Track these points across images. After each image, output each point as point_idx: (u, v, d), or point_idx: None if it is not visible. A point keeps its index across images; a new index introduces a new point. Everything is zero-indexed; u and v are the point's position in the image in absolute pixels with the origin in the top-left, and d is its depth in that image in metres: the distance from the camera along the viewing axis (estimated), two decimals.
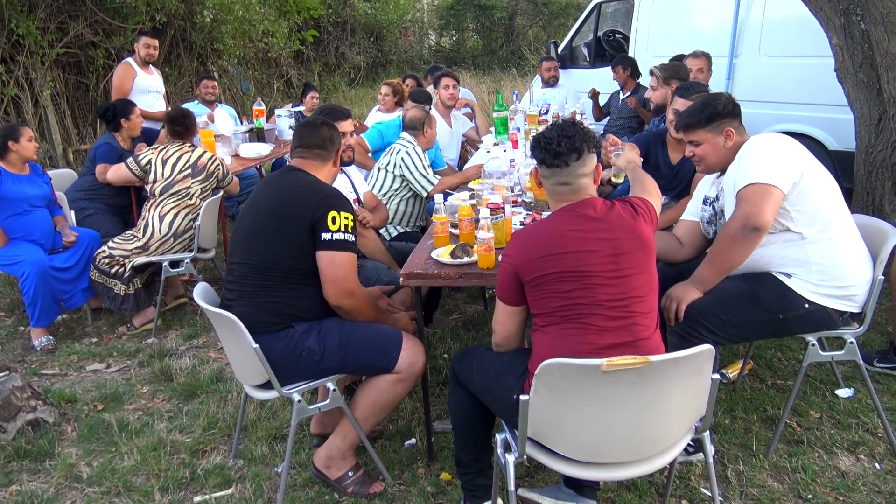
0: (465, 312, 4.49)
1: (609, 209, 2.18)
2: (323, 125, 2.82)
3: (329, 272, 2.54)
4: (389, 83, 6.13)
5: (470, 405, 2.38)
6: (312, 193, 2.58)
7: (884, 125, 4.24)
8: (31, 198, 4.22)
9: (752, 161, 2.60)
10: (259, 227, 2.61)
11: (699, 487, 2.67)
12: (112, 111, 4.88)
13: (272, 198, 2.66)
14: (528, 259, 2.14)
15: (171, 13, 9.38)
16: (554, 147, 2.18)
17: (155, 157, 4.38)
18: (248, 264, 2.60)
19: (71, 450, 3.13)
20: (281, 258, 2.54)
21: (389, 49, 17.16)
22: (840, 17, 4.17)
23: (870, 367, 3.29)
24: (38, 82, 7.87)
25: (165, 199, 4.31)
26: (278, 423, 3.24)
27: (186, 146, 4.46)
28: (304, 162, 2.74)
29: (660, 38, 7.02)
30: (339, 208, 2.55)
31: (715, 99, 2.78)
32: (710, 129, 2.72)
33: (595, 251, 2.09)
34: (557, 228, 2.16)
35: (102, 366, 4.00)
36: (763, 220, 2.49)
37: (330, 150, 2.79)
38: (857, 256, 2.67)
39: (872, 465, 2.77)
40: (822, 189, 2.62)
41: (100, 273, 4.26)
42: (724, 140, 2.71)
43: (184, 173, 4.35)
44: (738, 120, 2.74)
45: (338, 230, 2.52)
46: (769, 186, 2.51)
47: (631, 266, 2.11)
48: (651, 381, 1.90)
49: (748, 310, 2.61)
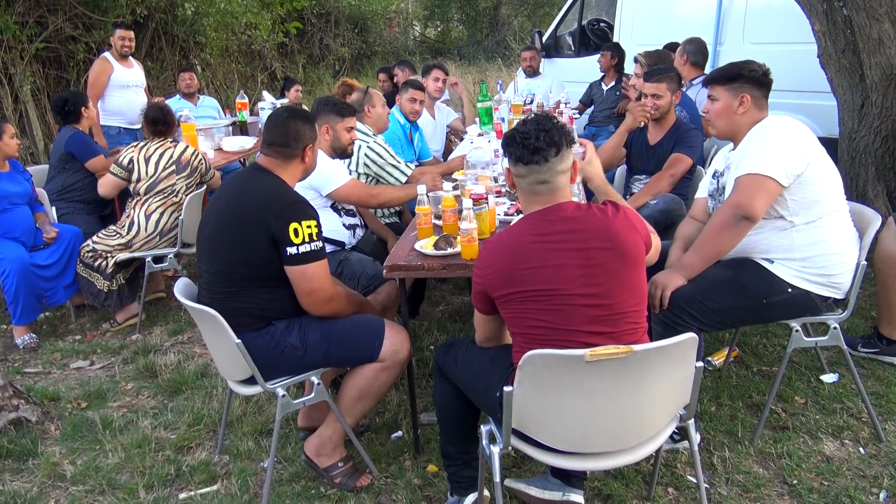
0: (452, 303, 4.49)
1: (583, 212, 2.05)
2: (289, 119, 2.64)
3: (303, 286, 2.48)
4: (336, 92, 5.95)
5: (455, 398, 2.37)
6: (270, 202, 2.46)
7: (867, 111, 4.25)
8: (11, 195, 4.16)
9: (758, 147, 2.57)
10: (218, 234, 2.53)
11: (685, 475, 2.67)
12: (70, 103, 4.70)
13: (230, 203, 2.55)
14: (493, 274, 2.05)
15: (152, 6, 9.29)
16: (532, 142, 2.02)
17: (137, 155, 4.31)
18: (212, 272, 2.54)
19: (54, 448, 3.11)
20: (244, 265, 2.47)
21: (374, 40, 17.05)
22: (822, 3, 4.18)
23: (854, 353, 3.31)
24: (17, 77, 7.78)
25: (151, 197, 4.26)
26: (264, 418, 3.22)
27: (168, 142, 4.40)
28: (268, 160, 2.62)
29: (644, 27, 7.02)
30: (299, 218, 2.44)
31: (746, 63, 2.73)
32: (727, 88, 2.69)
33: (565, 265, 1.97)
34: (524, 240, 2.03)
35: (86, 363, 3.96)
36: (753, 211, 2.50)
37: (295, 147, 2.62)
38: (845, 245, 2.66)
39: (857, 450, 2.78)
40: (824, 180, 2.60)
41: (84, 266, 4.24)
42: (738, 105, 2.67)
43: (168, 170, 4.30)
44: (760, 91, 2.68)
45: (302, 242, 2.43)
46: (766, 178, 2.50)
47: (605, 279, 1.98)
48: (635, 370, 1.90)
49: (732, 296, 2.61)
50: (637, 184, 3.97)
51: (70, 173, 4.66)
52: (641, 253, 2.06)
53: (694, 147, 3.78)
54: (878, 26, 3.98)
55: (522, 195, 2.14)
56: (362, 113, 3.97)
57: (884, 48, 4.01)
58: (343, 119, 3.38)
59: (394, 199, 3.58)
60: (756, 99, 2.67)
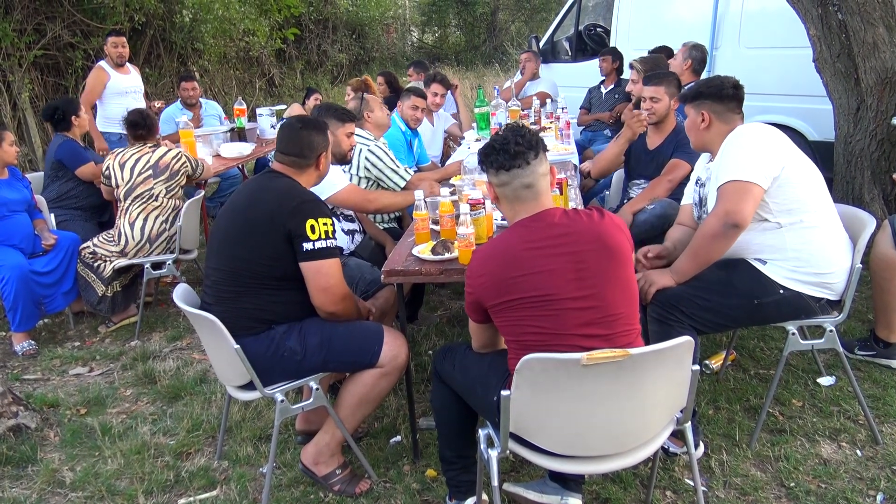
0: (450, 308, 4.49)
1: (571, 217, 2.06)
2: (301, 130, 2.69)
3: (319, 281, 2.50)
4: (351, 84, 6.01)
5: (453, 402, 2.37)
6: (287, 199, 2.52)
7: (862, 114, 4.27)
8: (10, 202, 4.16)
9: (734, 155, 2.63)
10: (233, 231, 2.58)
11: (683, 478, 2.68)
12: (60, 110, 4.71)
13: (247, 202, 2.61)
14: (484, 284, 2.06)
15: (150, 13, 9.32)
16: (511, 147, 2.05)
17: (112, 162, 4.32)
18: (222, 270, 2.57)
19: (54, 455, 3.11)
20: (254, 264, 2.51)
21: (372, 46, 17.11)
22: (817, 8, 4.20)
23: (850, 355, 3.32)
24: (15, 85, 7.79)
25: (130, 203, 4.26)
26: (263, 423, 3.22)
27: (146, 147, 4.38)
28: (283, 168, 2.68)
29: (640, 32, 7.04)
30: (316, 215, 2.49)
31: (711, 79, 2.88)
32: (692, 105, 2.83)
33: (556, 270, 1.98)
34: (514, 248, 2.04)
35: (85, 369, 3.96)
36: (742, 217, 2.54)
37: (309, 156, 2.68)
38: (836, 245, 2.70)
39: (854, 452, 2.79)
40: (802, 180, 2.65)
41: (83, 266, 4.26)
42: (700, 121, 2.79)
43: (143, 175, 4.28)
44: (724, 105, 2.76)
45: (318, 238, 2.47)
46: (748, 184, 2.55)
47: (597, 281, 1.99)
48: (631, 373, 1.91)
49: (723, 295, 2.66)
50: (635, 188, 3.98)
51: (63, 181, 4.68)
52: (628, 252, 2.09)
53: (692, 153, 3.78)
54: (873, 30, 4.01)
55: (507, 204, 2.15)
56: (362, 119, 3.98)
57: (878, 52, 4.04)
58: (344, 125, 3.40)
59: (391, 204, 3.61)
60: (719, 114, 2.76)
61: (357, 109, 4.01)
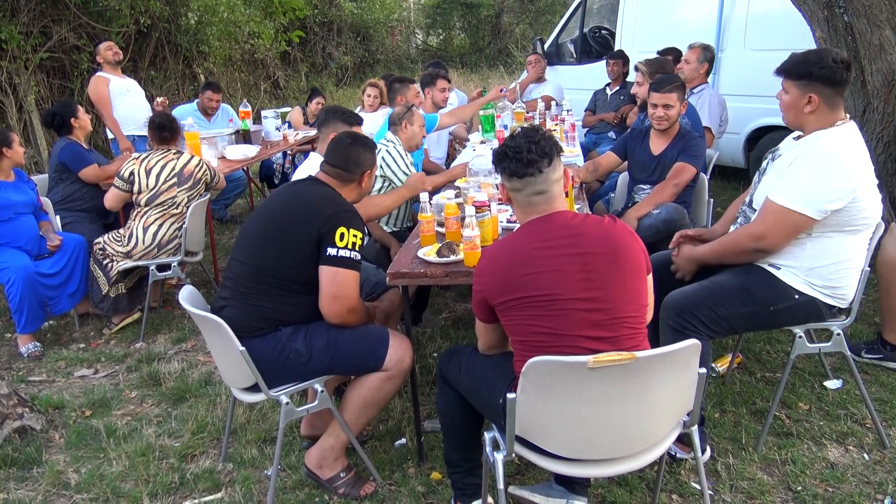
0: (455, 311, 4.49)
1: (581, 220, 2.07)
2: (351, 146, 2.73)
3: (330, 289, 2.49)
4: (376, 84, 6.06)
5: (458, 405, 2.37)
6: (325, 205, 2.53)
7: (868, 117, 4.26)
8: (16, 204, 4.17)
9: (799, 174, 2.50)
10: (266, 230, 2.59)
11: (689, 482, 2.67)
12: (59, 115, 4.71)
13: (287, 203, 2.62)
14: (492, 281, 2.07)
15: (156, 16, 9.34)
16: (525, 155, 2.04)
17: (138, 168, 4.31)
18: (247, 264, 2.58)
19: (59, 457, 3.11)
20: (281, 265, 2.51)
21: (376, 49, 17.12)
22: (823, 10, 4.19)
23: (858, 358, 3.31)
24: (21, 87, 7.82)
25: (150, 209, 4.27)
26: (268, 425, 3.22)
27: (171, 153, 4.40)
28: (328, 178, 2.71)
29: (645, 34, 7.04)
30: (349, 225, 2.50)
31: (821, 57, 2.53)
32: (796, 84, 2.55)
33: (563, 270, 1.98)
34: (522, 247, 2.05)
35: (90, 371, 3.97)
36: (774, 247, 2.58)
37: (354, 172, 2.72)
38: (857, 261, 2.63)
39: (861, 456, 2.78)
40: (861, 206, 2.50)
41: (94, 262, 4.29)
42: (805, 103, 2.55)
43: (169, 182, 4.30)
44: (833, 89, 2.51)
45: (344, 247, 2.47)
46: (795, 213, 2.49)
47: (604, 284, 1.99)
48: (637, 377, 1.90)
49: (741, 303, 2.64)
50: (640, 193, 3.96)
51: (67, 184, 4.69)
52: (641, 261, 2.07)
53: (698, 156, 3.77)
54: (879, 32, 3.99)
55: (519, 208, 2.16)
56: (399, 126, 4.04)
57: (885, 54, 4.02)
58: (350, 129, 3.40)
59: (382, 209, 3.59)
60: (827, 98, 2.51)
61: (399, 115, 4.07)
